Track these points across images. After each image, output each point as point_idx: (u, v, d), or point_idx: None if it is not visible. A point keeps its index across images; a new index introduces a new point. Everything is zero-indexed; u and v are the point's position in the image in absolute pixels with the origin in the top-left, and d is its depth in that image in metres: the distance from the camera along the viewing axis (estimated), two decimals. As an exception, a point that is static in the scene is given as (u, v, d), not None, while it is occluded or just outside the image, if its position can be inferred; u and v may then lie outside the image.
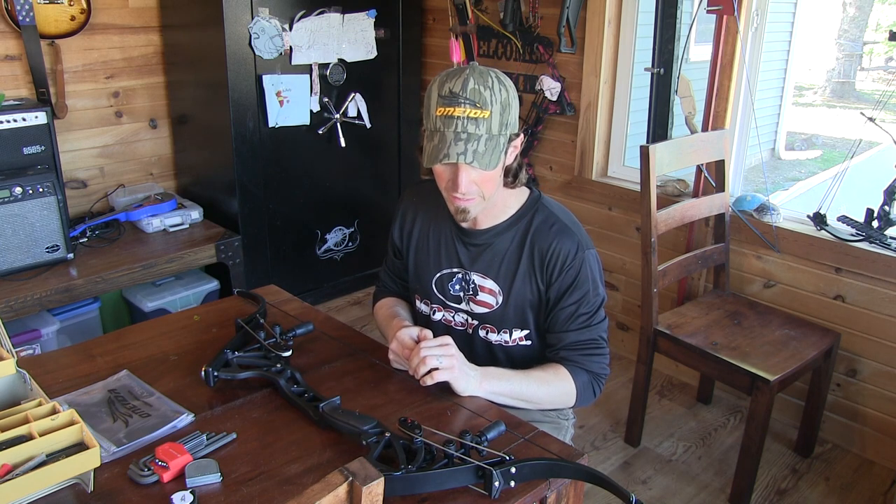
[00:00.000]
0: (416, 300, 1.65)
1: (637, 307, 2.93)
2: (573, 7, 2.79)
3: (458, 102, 1.31)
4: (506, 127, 1.35)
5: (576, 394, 1.47)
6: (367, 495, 0.82)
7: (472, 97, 1.30)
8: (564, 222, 1.47)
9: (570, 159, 3.06)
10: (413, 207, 1.63)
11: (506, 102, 1.34)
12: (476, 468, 1.11)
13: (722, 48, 2.49)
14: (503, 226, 1.49)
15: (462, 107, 1.30)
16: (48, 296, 2.38)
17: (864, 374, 2.42)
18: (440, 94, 1.33)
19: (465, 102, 1.30)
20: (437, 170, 1.39)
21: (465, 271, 1.53)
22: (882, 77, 7.65)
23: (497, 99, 1.32)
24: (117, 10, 2.95)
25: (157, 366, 1.47)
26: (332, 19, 3.03)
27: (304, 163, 3.16)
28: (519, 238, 1.48)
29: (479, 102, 1.31)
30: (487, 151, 1.32)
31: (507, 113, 1.35)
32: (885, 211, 2.28)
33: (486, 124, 1.32)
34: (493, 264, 1.50)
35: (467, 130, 1.31)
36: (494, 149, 1.33)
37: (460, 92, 1.31)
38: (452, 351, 1.37)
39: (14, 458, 1.06)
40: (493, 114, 1.32)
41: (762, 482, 2.34)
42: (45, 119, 2.44)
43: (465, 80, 1.31)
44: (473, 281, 1.52)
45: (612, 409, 2.72)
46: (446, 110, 1.31)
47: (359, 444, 1.18)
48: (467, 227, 1.51)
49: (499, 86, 1.33)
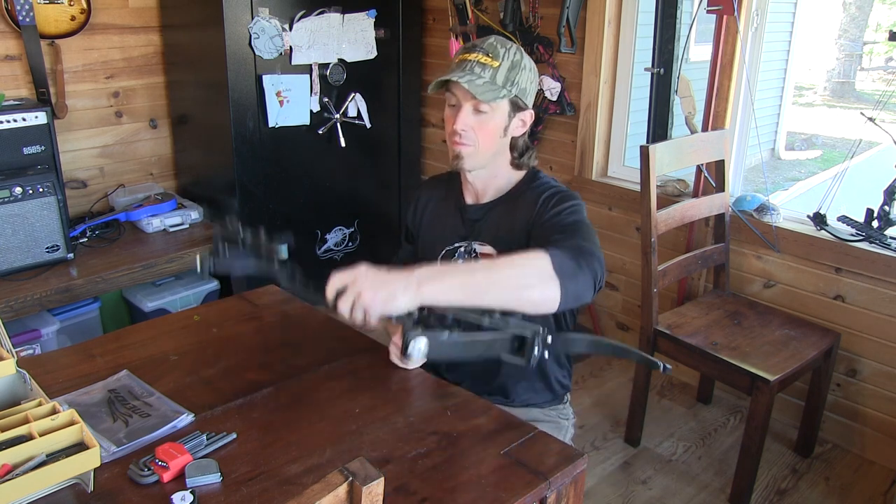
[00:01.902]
0: None
1: (637, 307, 2.93)
2: (573, 7, 2.79)
3: (473, 50, 1.44)
4: (512, 84, 1.43)
5: (551, 264, 1.18)
6: (367, 495, 0.82)
7: (487, 48, 1.43)
8: (550, 183, 1.53)
9: (570, 159, 3.06)
10: (427, 194, 1.70)
11: (517, 63, 1.44)
12: (513, 337, 1.11)
13: (722, 48, 2.49)
14: (501, 200, 1.55)
15: (475, 53, 1.43)
16: (48, 296, 2.38)
17: (864, 374, 2.42)
18: (464, 47, 1.47)
19: (479, 50, 1.43)
20: (446, 115, 1.49)
21: (468, 242, 1.58)
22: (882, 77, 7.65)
23: (509, 56, 1.43)
24: (117, 10, 2.95)
25: (157, 366, 1.47)
26: (332, 19, 3.03)
27: (304, 163, 3.16)
28: (513, 204, 1.54)
29: (492, 53, 1.42)
30: (484, 89, 1.40)
31: (516, 72, 1.44)
32: (885, 211, 2.28)
33: (492, 72, 1.41)
34: (491, 231, 1.55)
35: (473, 70, 1.41)
36: (494, 94, 1.41)
37: (479, 44, 1.45)
38: (352, 277, 1.13)
39: (14, 458, 1.06)
40: (500, 67, 1.42)
41: (762, 482, 2.34)
42: (45, 119, 2.44)
43: (486, 38, 1.46)
44: (474, 249, 1.57)
45: (612, 409, 2.72)
46: (462, 56, 1.45)
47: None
48: (472, 201, 1.57)
49: (515, 50, 1.45)
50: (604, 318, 3.16)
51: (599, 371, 2.98)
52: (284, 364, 1.48)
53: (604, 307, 3.14)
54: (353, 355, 1.53)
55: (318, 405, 1.35)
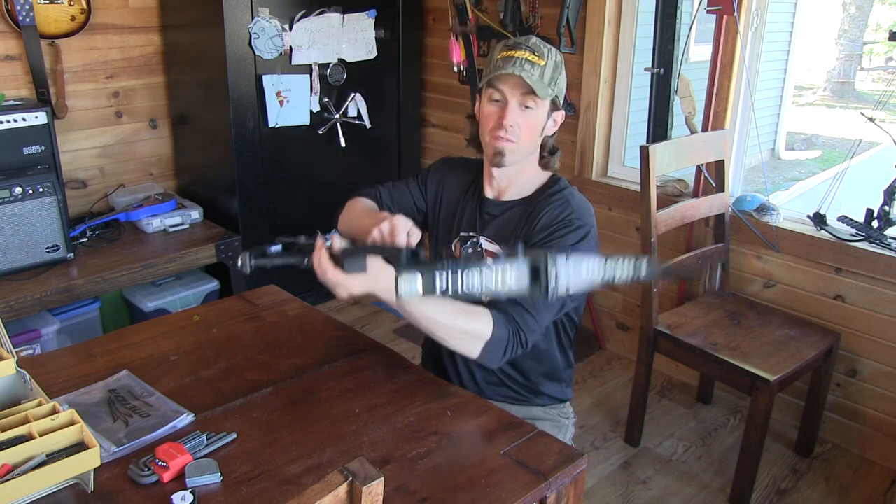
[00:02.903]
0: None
1: (637, 307, 2.93)
2: (573, 7, 2.79)
3: (519, 47, 1.44)
4: (554, 85, 1.46)
5: (487, 340, 1.32)
6: (367, 495, 0.82)
7: (532, 47, 1.44)
8: (568, 198, 1.50)
9: (570, 159, 3.06)
10: (454, 176, 1.68)
11: (559, 64, 1.47)
12: (532, 260, 1.08)
13: (722, 48, 2.49)
14: (521, 202, 1.55)
15: (522, 50, 1.43)
16: (48, 296, 2.38)
17: (864, 374, 2.42)
18: (505, 45, 1.46)
19: (525, 48, 1.43)
20: (484, 111, 1.48)
21: (478, 235, 1.59)
22: (882, 77, 7.65)
23: (552, 56, 1.45)
24: (117, 10, 2.95)
25: (157, 366, 1.47)
26: (332, 19, 3.02)
27: (304, 163, 3.16)
28: (529, 208, 1.53)
29: (538, 52, 1.43)
30: (540, 85, 1.42)
31: (558, 73, 1.46)
32: (885, 211, 2.28)
33: (541, 70, 1.42)
34: (502, 231, 1.55)
35: (524, 67, 1.41)
36: (545, 91, 1.43)
37: (523, 42, 1.45)
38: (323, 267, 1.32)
39: (14, 458, 1.06)
40: (547, 65, 1.44)
41: (762, 482, 2.34)
42: (45, 119, 2.44)
43: (527, 38, 1.47)
44: (481, 244, 1.58)
45: (612, 409, 2.72)
46: (507, 52, 1.43)
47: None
48: (492, 196, 1.57)
49: (555, 51, 1.48)
50: (604, 318, 3.16)
51: (599, 371, 2.99)
52: (284, 364, 1.49)
53: (604, 307, 3.14)
54: (353, 355, 1.53)
55: (318, 405, 1.35)
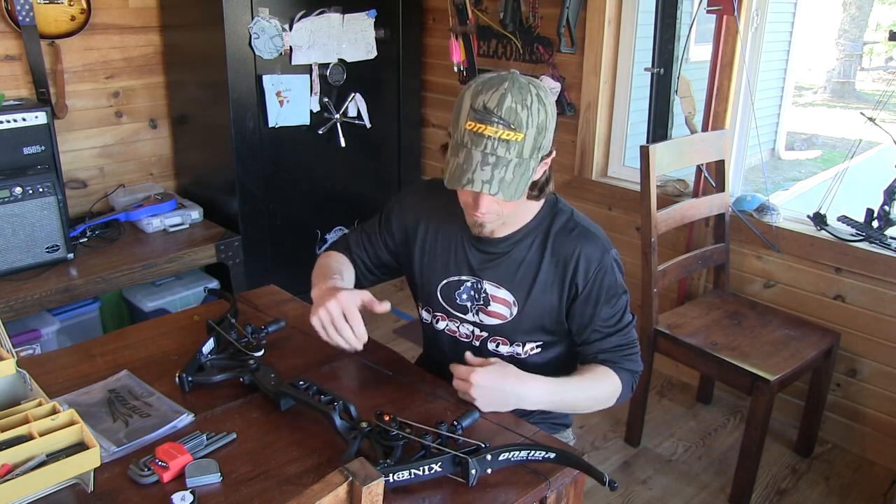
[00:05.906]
0: (419, 307, 1.60)
1: (637, 307, 2.92)
2: (573, 7, 2.79)
3: (490, 121, 1.20)
4: (538, 151, 1.25)
5: (620, 391, 1.45)
6: (367, 495, 0.82)
7: (507, 117, 1.19)
8: (584, 226, 1.41)
9: (570, 159, 3.06)
10: (429, 208, 1.52)
11: (542, 125, 1.23)
12: (453, 457, 1.11)
13: (722, 48, 2.49)
14: (521, 234, 1.42)
15: (494, 126, 1.20)
16: (48, 296, 2.38)
17: (864, 374, 2.42)
18: (473, 106, 1.22)
19: (499, 122, 1.20)
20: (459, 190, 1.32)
21: (477, 279, 1.45)
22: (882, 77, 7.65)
23: (534, 121, 1.21)
24: (117, 10, 2.95)
25: (157, 366, 1.47)
26: (332, 19, 3.02)
27: (304, 163, 3.16)
28: (538, 245, 1.41)
29: (514, 124, 1.20)
30: (514, 179, 1.23)
31: (543, 136, 1.24)
32: (885, 211, 2.28)
33: (518, 148, 1.21)
34: (509, 273, 1.42)
35: (496, 153, 1.21)
36: (522, 175, 1.24)
37: (495, 109, 1.19)
38: (478, 380, 1.28)
39: (14, 458, 1.06)
40: (526, 137, 1.21)
41: (762, 482, 2.34)
42: (45, 119, 2.44)
43: (502, 95, 1.20)
44: (485, 290, 1.44)
45: (612, 409, 2.71)
46: (477, 126, 1.21)
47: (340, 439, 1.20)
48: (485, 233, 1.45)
49: (538, 105, 1.22)
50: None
51: (599, 371, 2.98)
52: (284, 364, 1.48)
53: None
54: (352, 355, 1.53)
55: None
